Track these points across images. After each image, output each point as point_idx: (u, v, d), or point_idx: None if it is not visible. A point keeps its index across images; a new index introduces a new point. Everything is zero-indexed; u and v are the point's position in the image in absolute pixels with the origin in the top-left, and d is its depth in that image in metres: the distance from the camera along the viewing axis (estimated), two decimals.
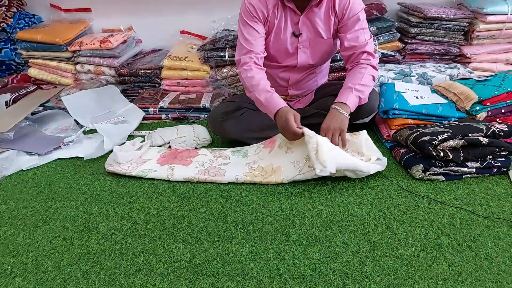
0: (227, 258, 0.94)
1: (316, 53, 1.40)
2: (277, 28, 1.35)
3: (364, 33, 1.33)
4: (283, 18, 1.34)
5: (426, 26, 1.78)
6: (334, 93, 1.41)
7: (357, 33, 1.32)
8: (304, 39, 1.37)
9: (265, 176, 1.27)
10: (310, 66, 1.45)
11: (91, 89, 1.88)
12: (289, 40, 1.37)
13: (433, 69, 1.73)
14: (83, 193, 1.25)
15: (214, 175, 1.28)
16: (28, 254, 0.98)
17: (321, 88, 1.57)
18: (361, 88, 1.28)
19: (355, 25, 1.32)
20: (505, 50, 1.81)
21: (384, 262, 0.91)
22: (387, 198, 1.16)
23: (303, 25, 1.34)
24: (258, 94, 1.27)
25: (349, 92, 1.26)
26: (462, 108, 1.46)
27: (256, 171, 1.30)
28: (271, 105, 1.25)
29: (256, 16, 1.32)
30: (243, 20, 1.33)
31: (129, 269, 0.92)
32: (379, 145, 1.49)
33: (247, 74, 1.31)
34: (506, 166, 1.23)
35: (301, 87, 1.53)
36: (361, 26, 1.33)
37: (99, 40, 1.96)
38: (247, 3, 1.32)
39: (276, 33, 1.36)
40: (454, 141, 1.17)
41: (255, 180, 1.25)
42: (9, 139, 1.54)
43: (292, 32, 1.36)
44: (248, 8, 1.31)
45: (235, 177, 1.26)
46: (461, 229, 1.01)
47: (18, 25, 2.12)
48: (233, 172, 1.29)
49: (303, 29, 1.35)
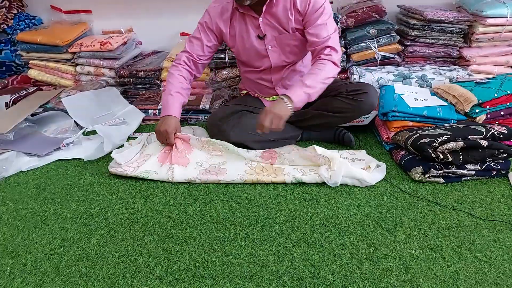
0: (226, 260, 0.94)
1: (285, 49, 1.41)
2: (240, 36, 1.40)
3: (327, 27, 1.32)
4: (243, 25, 1.38)
5: (425, 29, 1.79)
6: (332, 93, 1.42)
7: (319, 28, 1.31)
8: (270, 39, 1.39)
9: (267, 173, 1.27)
10: (287, 63, 1.46)
11: (91, 91, 1.88)
12: (256, 43, 1.40)
13: (432, 72, 1.73)
14: (83, 194, 1.25)
15: (216, 174, 1.28)
16: (27, 256, 0.98)
17: None
18: (312, 86, 1.27)
19: (318, 19, 1.31)
20: (505, 52, 1.82)
21: (383, 264, 0.91)
22: (387, 200, 1.16)
23: (265, 26, 1.36)
24: (164, 94, 1.42)
25: (300, 88, 1.26)
26: (462, 110, 1.46)
27: (257, 168, 1.30)
28: (165, 107, 1.40)
29: (209, 27, 1.42)
30: (199, 23, 1.44)
31: (128, 270, 0.92)
32: (378, 147, 1.49)
33: (171, 70, 1.45)
34: (505, 169, 1.23)
35: (287, 85, 1.52)
36: (324, 20, 1.31)
37: (99, 42, 1.96)
38: (208, 10, 1.42)
39: (241, 41, 1.41)
40: (454, 144, 1.18)
41: (258, 178, 1.25)
42: (9, 140, 1.53)
43: (257, 36, 1.39)
44: (204, 15, 1.42)
45: (237, 175, 1.26)
46: (460, 231, 1.01)
47: (19, 26, 2.12)
48: (235, 170, 1.29)
49: (266, 30, 1.37)
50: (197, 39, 1.43)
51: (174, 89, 1.41)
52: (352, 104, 1.38)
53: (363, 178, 1.20)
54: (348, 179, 1.22)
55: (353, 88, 1.40)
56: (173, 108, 1.39)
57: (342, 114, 1.42)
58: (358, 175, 1.21)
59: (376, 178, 1.24)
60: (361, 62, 1.84)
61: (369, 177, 1.21)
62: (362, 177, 1.21)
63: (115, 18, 2.19)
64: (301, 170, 1.28)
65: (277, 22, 1.35)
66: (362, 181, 1.21)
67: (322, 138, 1.54)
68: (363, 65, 1.84)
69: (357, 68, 1.77)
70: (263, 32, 1.37)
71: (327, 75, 1.29)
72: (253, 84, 1.58)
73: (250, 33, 1.39)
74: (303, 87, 1.26)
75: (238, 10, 1.35)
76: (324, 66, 1.29)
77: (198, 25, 1.44)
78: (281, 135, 1.46)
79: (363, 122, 1.56)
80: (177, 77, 1.43)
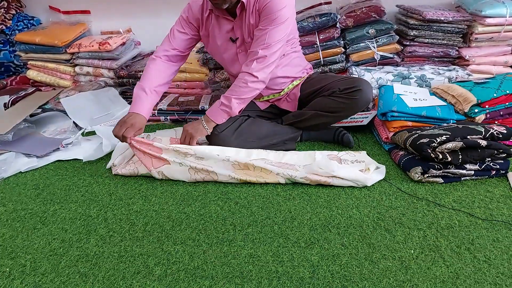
0: (226, 260, 0.94)
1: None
2: (213, 37, 1.40)
3: (266, 37, 1.24)
4: (217, 26, 1.37)
5: (424, 29, 1.79)
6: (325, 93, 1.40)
7: (260, 34, 1.26)
8: (240, 44, 1.38)
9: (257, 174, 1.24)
10: None
11: (90, 91, 1.88)
12: (228, 47, 1.40)
13: (431, 72, 1.73)
14: (82, 195, 1.25)
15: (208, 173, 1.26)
16: (26, 256, 0.98)
17: (308, 82, 1.51)
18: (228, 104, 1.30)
19: (262, 22, 1.26)
20: (504, 52, 1.82)
21: (382, 264, 0.91)
22: (386, 200, 1.16)
23: (238, 29, 1.35)
24: (138, 87, 1.36)
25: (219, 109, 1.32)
26: (461, 110, 1.46)
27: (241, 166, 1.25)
28: (133, 103, 1.34)
29: (190, 22, 1.40)
30: (180, 18, 1.42)
31: (127, 271, 0.92)
32: (377, 148, 1.49)
33: (149, 63, 1.40)
34: (504, 169, 1.23)
35: (270, 85, 1.47)
36: (266, 28, 1.24)
37: (98, 42, 1.96)
38: (188, 6, 1.40)
39: (213, 42, 1.41)
40: (453, 144, 1.18)
41: (249, 179, 1.24)
42: (8, 141, 1.53)
43: (229, 38, 1.38)
44: (185, 9, 1.40)
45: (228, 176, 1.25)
46: (459, 231, 1.01)
47: (17, 27, 2.12)
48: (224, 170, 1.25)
49: (238, 33, 1.36)
50: (182, 32, 1.40)
51: (149, 85, 1.34)
52: (346, 102, 1.35)
53: (357, 179, 1.20)
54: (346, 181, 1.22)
55: (346, 86, 1.36)
56: (144, 108, 1.32)
57: (338, 113, 1.40)
58: (353, 177, 1.21)
59: (373, 179, 1.23)
60: (360, 62, 1.84)
61: (365, 178, 1.21)
62: (356, 178, 1.20)
63: (113, 19, 2.19)
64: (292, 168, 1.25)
65: (249, 26, 1.32)
66: (357, 182, 1.21)
67: (321, 138, 1.54)
68: (362, 65, 1.84)
69: (356, 68, 1.77)
70: (235, 35, 1.36)
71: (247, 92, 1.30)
72: None
73: (223, 36, 1.37)
74: (220, 105, 1.32)
75: (213, 12, 1.34)
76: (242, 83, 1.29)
77: (180, 18, 1.41)
78: (280, 138, 1.46)
79: (362, 122, 1.56)
80: (155, 72, 1.37)
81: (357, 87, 1.34)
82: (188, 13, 1.39)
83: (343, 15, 1.84)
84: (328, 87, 1.40)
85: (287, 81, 1.51)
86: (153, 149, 1.28)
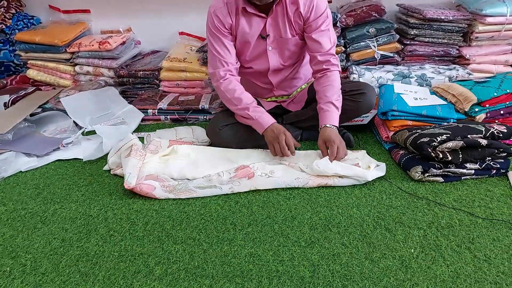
0: (226, 260, 0.94)
1: (284, 53, 1.40)
2: (243, 35, 1.36)
3: (330, 35, 1.35)
4: (248, 23, 1.35)
5: (425, 28, 1.79)
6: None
7: (323, 34, 1.33)
8: (272, 40, 1.38)
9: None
10: (284, 66, 1.44)
11: (90, 91, 1.88)
12: (258, 43, 1.38)
13: (432, 71, 1.73)
14: (82, 194, 1.25)
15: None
16: (27, 256, 0.98)
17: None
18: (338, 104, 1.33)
19: (322, 25, 1.33)
20: (504, 51, 1.82)
21: (383, 263, 0.91)
22: (386, 199, 1.16)
23: (269, 26, 1.35)
24: (246, 109, 1.32)
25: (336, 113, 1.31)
26: (461, 109, 1.46)
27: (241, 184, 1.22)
28: (260, 121, 1.31)
29: (222, 29, 1.34)
30: (211, 32, 1.35)
31: (128, 270, 0.92)
32: (378, 147, 1.49)
33: (227, 86, 1.35)
34: (505, 168, 1.23)
35: (285, 87, 1.52)
36: (327, 27, 1.34)
37: (98, 42, 1.96)
38: (212, 15, 1.33)
39: (243, 40, 1.38)
40: (453, 143, 1.18)
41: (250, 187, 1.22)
42: (8, 141, 1.53)
43: (260, 35, 1.37)
44: (213, 20, 1.33)
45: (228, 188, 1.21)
46: (460, 230, 1.01)
47: (17, 26, 2.12)
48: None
49: (270, 31, 1.36)
50: (224, 44, 1.34)
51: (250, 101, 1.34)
52: (350, 104, 1.38)
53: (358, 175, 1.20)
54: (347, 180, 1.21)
55: (351, 88, 1.40)
56: (268, 118, 1.32)
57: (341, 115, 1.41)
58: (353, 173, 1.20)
59: (374, 174, 1.22)
60: (361, 61, 1.84)
61: (364, 173, 1.20)
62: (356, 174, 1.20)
63: (113, 18, 2.19)
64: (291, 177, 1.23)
65: (281, 24, 1.34)
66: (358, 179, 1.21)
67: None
68: (363, 64, 1.84)
69: (357, 67, 1.77)
70: (266, 32, 1.36)
71: (340, 85, 1.35)
72: (252, 87, 1.52)
73: (253, 32, 1.36)
74: (336, 110, 1.31)
75: (245, 11, 1.32)
76: (336, 78, 1.34)
77: (211, 34, 1.35)
78: None
79: (363, 122, 1.56)
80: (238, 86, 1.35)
81: (361, 91, 1.37)
82: (217, 23, 1.33)
83: (343, 14, 1.83)
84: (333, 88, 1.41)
85: (300, 83, 1.54)
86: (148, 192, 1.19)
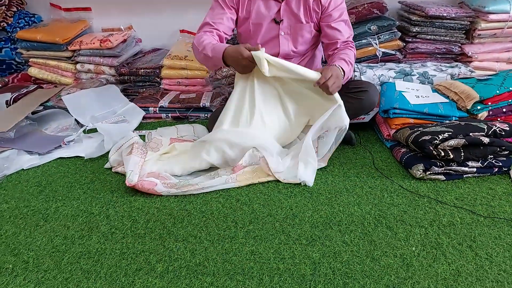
0: (227, 257, 0.94)
1: (297, 38, 1.42)
2: (258, 15, 1.39)
3: (347, 25, 1.39)
4: (264, 5, 1.38)
5: (427, 25, 1.78)
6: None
7: (343, 24, 1.38)
8: (285, 26, 1.40)
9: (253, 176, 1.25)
10: (294, 53, 1.45)
11: (91, 89, 1.88)
12: (270, 26, 1.40)
13: (434, 68, 1.72)
14: (84, 192, 1.25)
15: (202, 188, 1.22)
16: (29, 253, 0.99)
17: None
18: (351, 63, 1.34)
19: (342, 15, 1.38)
20: (507, 49, 1.81)
21: (384, 261, 0.91)
22: (388, 197, 1.16)
23: (284, 12, 1.38)
24: (205, 50, 1.29)
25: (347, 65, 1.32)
26: (463, 107, 1.45)
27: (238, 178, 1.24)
28: (217, 49, 1.26)
29: (229, 2, 1.37)
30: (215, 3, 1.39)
31: (129, 268, 0.92)
32: (379, 145, 1.49)
33: (199, 39, 1.32)
34: (507, 166, 1.23)
35: None
36: (343, 17, 1.38)
37: (99, 40, 1.96)
38: None
39: (257, 21, 1.39)
40: (455, 141, 1.17)
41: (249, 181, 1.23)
42: (10, 139, 1.54)
43: (273, 19, 1.39)
44: None
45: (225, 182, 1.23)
46: (461, 228, 1.01)
47: (18, 24, 2.11)
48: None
49: (284, 16, 1.38)
50: (222, 14, 1.36)
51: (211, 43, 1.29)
52: (352, 102, 1.38)
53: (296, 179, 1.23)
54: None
55: (354, 86, 1.40)
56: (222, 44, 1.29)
57: None
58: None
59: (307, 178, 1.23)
60: (362, 58, 1.83)
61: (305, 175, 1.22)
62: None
63: (114, 16, 2.18)
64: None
65: (297, 10, 1.37)
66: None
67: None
68: (364, 62, 1.83)
69: (358, 65, 1.77)
70: (281, 17, 1.39)
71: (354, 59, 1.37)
72: None
73: (267, 15, 1.39)
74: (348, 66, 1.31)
75: None
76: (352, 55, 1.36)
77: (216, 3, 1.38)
78: None
79: (364, 120, 1.56)
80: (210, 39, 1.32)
81: (363, 88, 1.38)
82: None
83: None
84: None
85: None
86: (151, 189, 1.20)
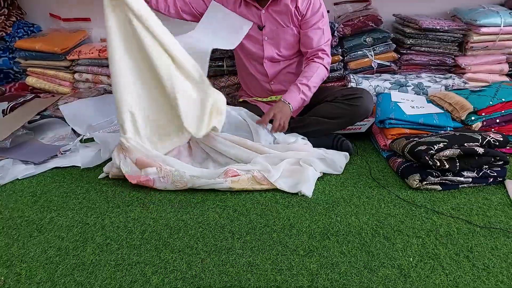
0: (224, 269, 0.93)
1: (279, 43, 1.48)
2: None
3: (324, 33, 1.43)
4: (246, 12, 1.45)
5: (421, 37, 1.81)
6: (328, 99, 1.46)
7: (318, 32, 1.42)
8: (267, 31, 1.47)
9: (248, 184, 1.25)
10: (280, 57, 1.50)
11: (89, 98, 1.88)
12: (254, 32, 1.47)
13: (428, 79, 1.75)
14: (79, 202, 1.24)
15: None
16: (22, 265, 0.97)
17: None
18: (307, 92, 1.39)
19: (318, 23, 1.42)
20: (499, 61, 1.84)
21: (382, 272, 0.90)
22: (385, 208, 1.16)
23: (265, 18, 1.44)
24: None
25: (297, 94, 1.38)
26: (458, 118, 1.47)
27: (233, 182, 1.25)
28: None
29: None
30: None
31: (124, 280, 0.91)
32: (376, 155, 1.50)
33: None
34: (502, 176, 1.24)
35: (282, 81, 1.55)
36: (323, 25, 1.43)
37: (97, 49, 1.97)
38: None
39: None
40: (450, 151, 1.18)
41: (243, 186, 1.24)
42: (6, 148, 1.53)
43: (257, 25, 1.46)
44: None
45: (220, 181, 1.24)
46: (458, 239, 1.01)
47: (17, 34, 2.12)
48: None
49: (266, 22, 1.45)
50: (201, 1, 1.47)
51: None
52: (347, 109, 1.40)
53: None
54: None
55: (348, 93, 1.44)
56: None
57: (338, 120, 1.44)
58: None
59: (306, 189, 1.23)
60: (358, 70, 1.85)
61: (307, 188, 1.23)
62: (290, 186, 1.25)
63: None
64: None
65: (278, 16, 1.43)
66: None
67: (320, 145, 1.54)
68: (360, 73, 1.86)
69: (354, 76, 1.79)
70: (262, 23, 1.45)
71: (319, 77, 1.41)
72: (250, 81, 1.60)
73: (251, 21, 1.46)
74: (300, 94, 1.37)
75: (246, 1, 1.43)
76: (317, 69, 1.40)
77: None
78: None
79: (361, 130, 1.57)
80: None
81: (358, 95, 1.41)
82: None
83: (340, 23, 1.86)
84: (331, 93, 1.47)
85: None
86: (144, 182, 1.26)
